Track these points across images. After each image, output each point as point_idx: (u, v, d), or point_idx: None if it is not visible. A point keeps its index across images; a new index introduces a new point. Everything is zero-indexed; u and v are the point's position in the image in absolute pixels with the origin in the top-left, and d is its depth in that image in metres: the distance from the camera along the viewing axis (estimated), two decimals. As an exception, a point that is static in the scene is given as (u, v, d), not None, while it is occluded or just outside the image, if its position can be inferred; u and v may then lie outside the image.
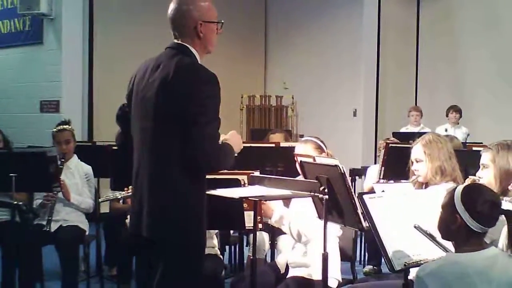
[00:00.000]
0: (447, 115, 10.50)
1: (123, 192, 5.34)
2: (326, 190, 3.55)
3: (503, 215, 2.95)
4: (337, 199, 3.61)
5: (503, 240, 3.09)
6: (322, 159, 3.98)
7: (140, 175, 3.45)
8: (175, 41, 3.50)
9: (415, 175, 4.28)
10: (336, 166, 3.56)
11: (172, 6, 3.51)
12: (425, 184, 4.27)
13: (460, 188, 2.98)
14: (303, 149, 4.58)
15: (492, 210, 2.92)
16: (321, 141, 4.70)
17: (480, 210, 2.89)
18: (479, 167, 3.93)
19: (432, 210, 3.10)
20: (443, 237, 3.06)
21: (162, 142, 3.35)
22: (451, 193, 2.98)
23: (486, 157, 3.85)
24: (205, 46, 3.55)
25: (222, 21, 3.61)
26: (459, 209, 2.90)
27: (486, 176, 3.82)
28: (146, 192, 3.39)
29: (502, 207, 2.97)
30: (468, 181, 3.79)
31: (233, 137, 3.65)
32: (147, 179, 3.39)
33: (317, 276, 4.21)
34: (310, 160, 3.99)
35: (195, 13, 3.47)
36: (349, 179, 3.70)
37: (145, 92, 3.42)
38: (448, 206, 2.95)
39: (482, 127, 10.58)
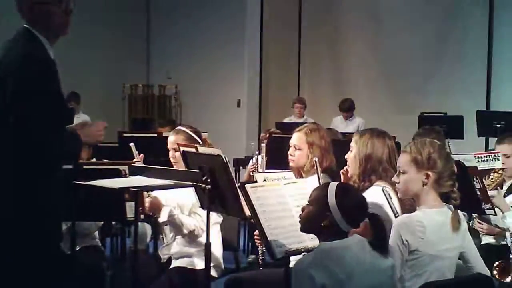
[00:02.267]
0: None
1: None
2: (208, 180, 3.54)
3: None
4: (220, 189, 3.60)
5: None
6: (205, 149, 3.97)
7: None
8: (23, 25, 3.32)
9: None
10: (219, 155, 3.56)
11: None
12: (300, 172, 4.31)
13: (333, 186, 3.03)
14: (174, 139, 4.55)
15: (360, 211, 3.03)
16: (196, 131, 4.68)
17: (351, 211, 2.98)
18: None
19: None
20: (305, 230, 3.12)
21: None
22: (323, 189, 3.03)
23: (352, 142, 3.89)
24: (51, 29, 3.31)
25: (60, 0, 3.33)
26: (332, 208, 2.96)
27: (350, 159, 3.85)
28: None
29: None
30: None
31: (87, 128, 3.42)
32: None
33: (200, 265, 4.22)
34: (193, 150, 3.97)
35: None
36: (232, 169, 3.71)
37: None
38: (319, 202, 3.01)
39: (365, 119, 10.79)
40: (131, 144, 4.65)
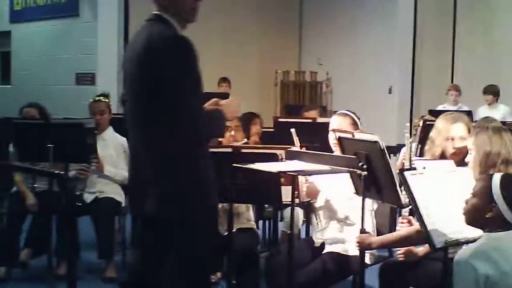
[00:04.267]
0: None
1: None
2: (365, 166, 3.53)
3: None
4: (376, 176, 3.58)
5: None
6: (361, 135, 3.95)
7: (135, 155, 3.45)
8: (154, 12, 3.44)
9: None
10: (376, 142, 3.53)
11: None
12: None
13: (497, 177, 2.94)
14: (340, 122, 4.54)
15: None
16: (357, 117, 4.67)
17: None
18: None
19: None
20: (470, 223, 3.03)
21: (146, 118, 3.32)
22: (487, 181, 2.94)
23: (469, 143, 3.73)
24: (179, 14, 3.40)
25: None
26: (497, 199, 2.87)
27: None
28: (143, 172, 3.36)
29: None
30: None
31: (225, 105, 3.48)
32: (142, 158, 3.37)
33: (353, 252, 4.21)
34: (349, 135, 3.96)
35: None
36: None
37: (125, 70, 3.42)
38: (484, 194, 2.93)
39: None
40: (292, 130, 4.70)
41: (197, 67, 3.27)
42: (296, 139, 4.68)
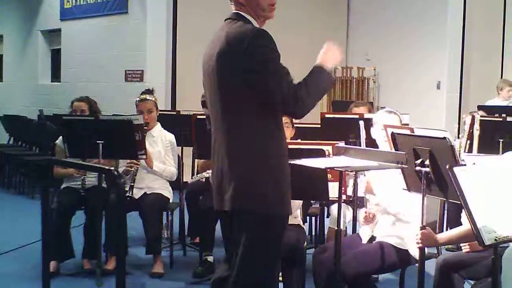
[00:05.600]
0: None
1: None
2: (426, 163, 3.50)
3: None
4: (441, 173, 3.53)
5: None
6: (424, 131, 3.92)
7: (217, 150, 3.46)
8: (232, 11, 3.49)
9: None
10: (445, 138, 3.51)
11: None
12: None
13: None
14: (389, 120, 4.54)
15: None
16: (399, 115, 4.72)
17: None
18: None
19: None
20: None
21: (231, 110, 3.35)
22: None
23: None
24: (254, 12, 3.45)
25: None
26: None
27: None
28: (225, 166, 3.38)
29: None
30: None
31: (324, 55, 3.57)
32: (224, 152, 3.39)
33: (406, 246, 4.23)
34: (406, 131, 3.94)
35: None
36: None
37: (208, 65, 3.43)
38: None
39: None
40: (361, 122, 4.73)
41: (277, 52, 3.33)
42: (362, 129, 4.69)
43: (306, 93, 3.29)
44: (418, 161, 3.51)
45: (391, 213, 4.34)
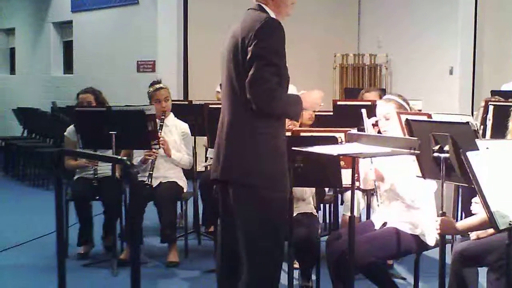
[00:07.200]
0: None
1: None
2: (446, 148, 3.49)
3: None
4: (461, 158, 3.50)
5: None
6: (445, 117, 3.89)
7: (222, 126, 3.61)
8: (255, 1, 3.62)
9: None
10: (467, 123, 3.48)
11: None
12: None
13: None
14: (386, 109, 4.51)
15: None
16: (404, 100, 4.61)
17: None
18: None
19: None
20: None
21: (235, 89, 3.50)
22: None
23: None
24: (278, 7, 3.62)
25: None
26: None
27: None
28: (224, 140, 3.55)
29: None
30: None
31: (307, 94, 3.73)
32: (226, 127, 3.55)
33: (418, 232, 4.22)
34: (423, 117, 3.92)
35: None
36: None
37: (224, 51, 3.60)
38: None
39: None
40: (363, 110, 4.70)
41: (283, 47, 3.49)
42: (365, 118, 4.67)
43: (281, 96, 3.45)
44: (436, 147, 3.48)
45: (405, 201, 4.31)
